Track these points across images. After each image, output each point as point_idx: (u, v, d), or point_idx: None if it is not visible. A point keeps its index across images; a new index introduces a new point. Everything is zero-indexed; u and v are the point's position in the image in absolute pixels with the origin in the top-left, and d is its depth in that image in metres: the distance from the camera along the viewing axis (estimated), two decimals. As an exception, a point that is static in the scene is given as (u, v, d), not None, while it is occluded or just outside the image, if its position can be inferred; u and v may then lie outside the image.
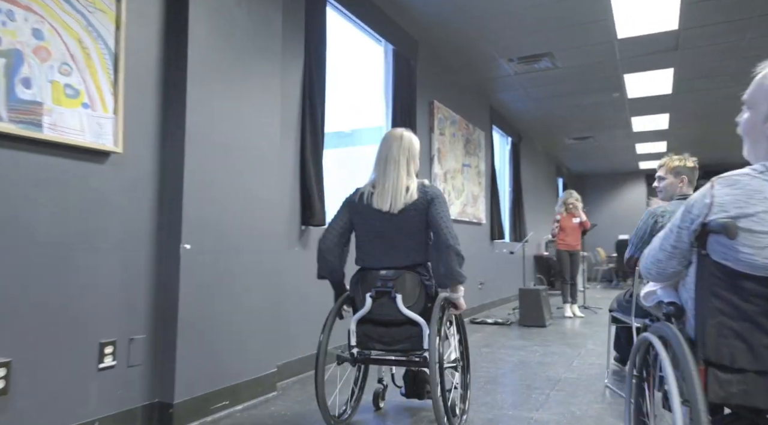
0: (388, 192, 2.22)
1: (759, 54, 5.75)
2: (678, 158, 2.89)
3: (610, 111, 8.08)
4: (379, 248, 2.25)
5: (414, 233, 2.22)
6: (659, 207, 2.81)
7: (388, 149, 2.29)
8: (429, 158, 5.43)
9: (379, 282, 2.20)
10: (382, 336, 2.21)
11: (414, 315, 2.14)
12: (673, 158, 2.90)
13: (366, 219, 2.26)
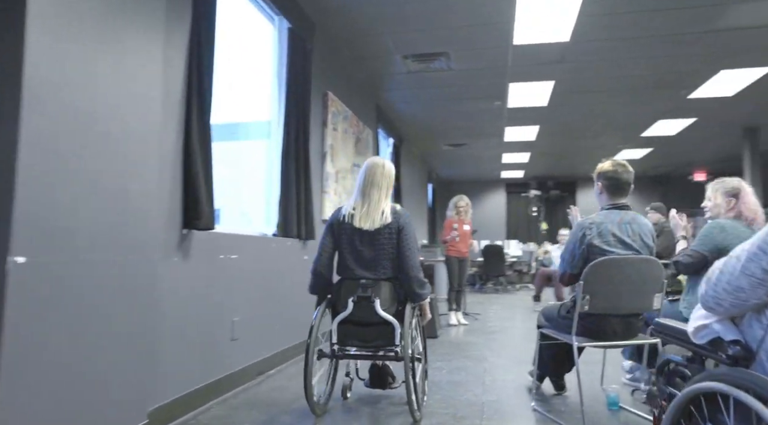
0: (370, 214, 2.64)
1: (633, 74, 6.16)
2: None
3: (488, 119, 8.24)
4: (359, 261, 2.64)
5: (387, 250, 2.64)
6: (587, 219, 2.64)
7: (372, 175, 2.70)
8: (321, 155, 4.90)
9: (360, 289, 2.58)
10: (360, 335, 2.62)
11: (389, 317, 2.56)
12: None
13: (348, 237, 2.66)
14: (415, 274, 2.60)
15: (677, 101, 7.24)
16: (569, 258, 2.61)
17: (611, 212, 2.63)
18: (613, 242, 2.51)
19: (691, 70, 6.04)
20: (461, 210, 6.35)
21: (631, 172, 2.70)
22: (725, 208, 2.94)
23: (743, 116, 8.04)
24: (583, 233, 2.56)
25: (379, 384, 3.01)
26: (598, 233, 2.54)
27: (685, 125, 8.49)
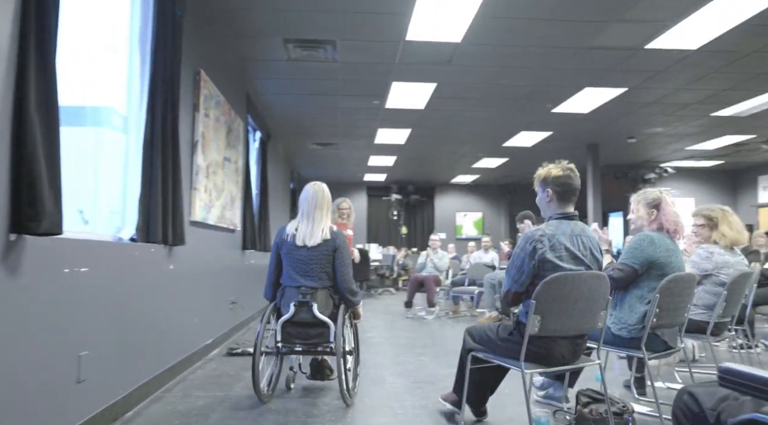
0: (313, 232, 3.07)
1: (510, 83, 6.27)
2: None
3: (364, 119, 7.94)
4: (300, 271, 3.06)
5: (324, 263, 3.08)
6: (537, 230, 2.37)
7: (316, 200, 3.16)
8: (191, 145, 4.11)
9: (300, 295, 3.00)
10: (300, 334, 3.03)
11: (325, 318, 2.99)
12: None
13: (292, 252, 3.09)
14: (347, 286, 3.14)
15: (541, 114, 7.64)
16: (516, 275, 2.32)
17: (561, 222, 2.39)
18: (565, 257, 2.27)
19: (561, 84, 6.34)
20: (344, 213, 5.87)
21: (578, 177, 2.49)
22: (647, 220, 2.91)
23: (589, 133, 8.80)
24: (534, 247, 2.28)
25: (319, 377, 3.50)
26: (551, 247, 2.27)
27: (542, 138, 9.07)
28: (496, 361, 2.40)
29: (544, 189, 2.47)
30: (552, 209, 2.45)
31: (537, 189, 2.52)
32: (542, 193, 2.49)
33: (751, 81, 6.17)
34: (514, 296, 2.34)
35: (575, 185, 2.42)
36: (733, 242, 3.33)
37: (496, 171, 12.49)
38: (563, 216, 2.39)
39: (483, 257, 8.54)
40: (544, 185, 2.47)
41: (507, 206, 14.85)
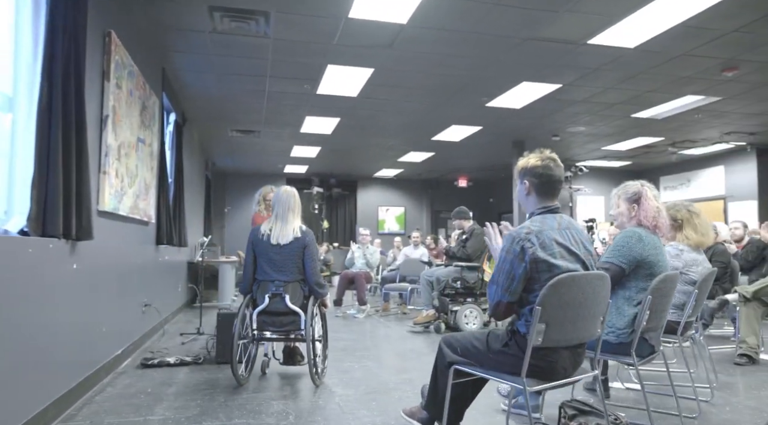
0: (285, 231, 3.51)
1: (450, 73, 6.05)
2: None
3: (292, 104, 7.41)
4: (273, 267, 3.49)
5: (296, 259, 3.51)
6: (521, 228, 2.06)
7: (288, 202, 3.60)
8: (99, 120, 3.44)
9: (274, 288, 3.45)
10: (275, 322, 3.46)
11: (296, 308, 3.43)
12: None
13: (267, 250, 3.50)
14: (316, 279, 3.53)
15: (475, 108, 7.53)
16: (506, 282, 1.99)
17: (546, 217, 2.11)
18: (558, 254, 1.99)
19: (499, 77, 6.23)
20: (269, 205, 5.37)
21: (561, 167, 2.23)
22: (628, 216, 2.74)
23: (517, 130, 8.87)
24: (522, 247, 1.97)
25: (291, 362, 3.89)
26: (541, 245, 1.98)
27: (472, 132, 9.01)
28: (486, 376, 2.09)
29: (522, 181, 2.20)
30: (532, 204, 2.18)
31: (517, 182, 2.24)
32: (520, 185, 2.22)
33: (673, 84, 6.40)
34: (507, 308, 2.03)
35: (556, 176, 2.16)
36: (697, 245, 3.28)
37: (420, 166, 12.38)
38: (546, 210, 2.13)
39: (413, 253, 8.33)
40: (522, 177, 2.21)
41: (429, 201, 14.85)
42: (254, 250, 3.52)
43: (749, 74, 6.06)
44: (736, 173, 10.59)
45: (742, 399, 3.24)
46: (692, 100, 7.07)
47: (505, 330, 2.09)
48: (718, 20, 4.67)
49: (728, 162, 10.73)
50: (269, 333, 3.49)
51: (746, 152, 10.18)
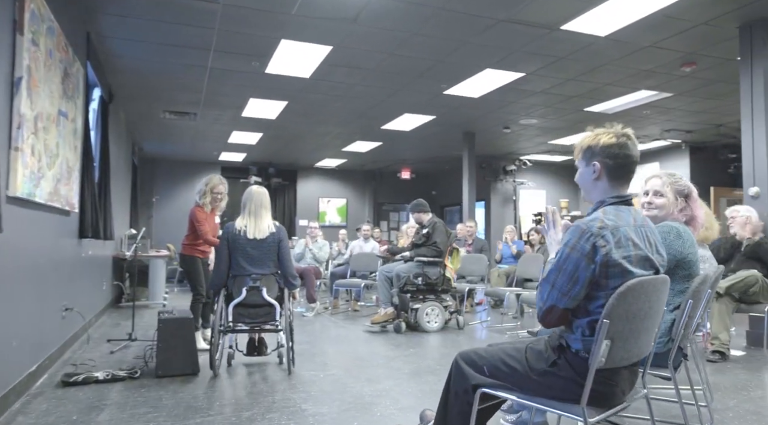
0: (260, 227, 3.71)
1: (411, 55, 5.65)
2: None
3: (236, 84, 6.75)
4: (250, 261, 3.67)
5: (272, 253, 3.73)
6: (592, 220, 1.64)
7: (260, 199, 3.80)
8: (10, 83, 2.75)
9: (251, 281, 3.62)
10: (250, 314, 3.64)
11: (272, 300, 3.64)
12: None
13: (244, 245, 3.67)
14: (291, 272, 3.79)
15: (432, 96, 7.20)
16: (566, 285, 1.60)
17: (620, 209, 1.71)
18: (634, 258, 1.62)
19: (464, 62, 5.91)
20: (219, 197, 4.77)
21: (637, 146, 1.83)
22: (674, 206, 2.46)
23: (470, 120, 8.65)
24: (594, 245, 1.58)
25: (257, 353, 4.06)
26: (617, 244, 1.59)
27: (424, 122, 8.69)
28: (527, 403, 1.70)
29: (590, 162, 1.77)
30: (601, 191, 1.75)
31: (578, 163, 1.84)
32: (586, 167, 1.78)
33: (633, 77, 6.36)
34: (561, 315, 1.65)
35: (634, 158, 1.76)
36: (703, 240, 3.07)
37: (365, 156, 11.95)
38: (620, 200, 1.73)
39: (363, 247, 7.91)
40: (590, 157, 1.76)
41: (372, 193, 14.47)
42: (229, 246, 3.65)
43: (705, 70, 6.11)
44: (671, 169, 10.90)
45: (738, 403, 3.10)
46: (646, 95, 7.11)
47: (545, 345, 1.72)
48: (693, 10, 4.58)
49: (663, 159, 11.10)
50: (242, 325, 3.65)
51: (681, 150, 10.55)
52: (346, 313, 7.10)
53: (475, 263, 6.46)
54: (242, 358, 4.07)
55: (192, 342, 3.69)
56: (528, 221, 12.40)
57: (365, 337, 5.29)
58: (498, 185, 12.53)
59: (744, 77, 4.95)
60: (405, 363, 4.08)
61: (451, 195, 13.85)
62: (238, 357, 4.01)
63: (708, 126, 8.97)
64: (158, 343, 3.60)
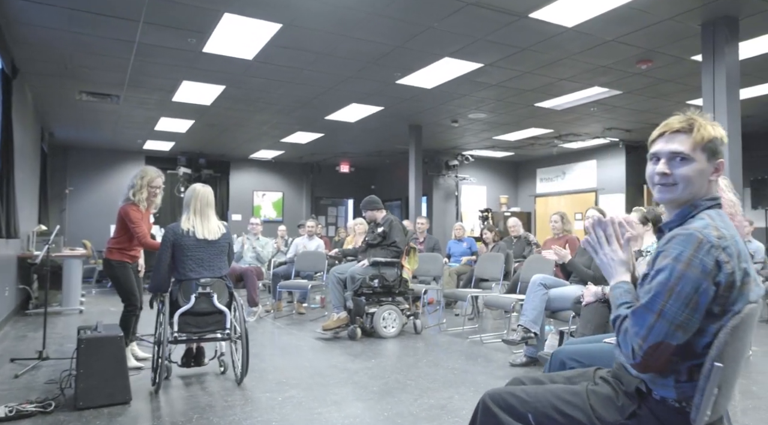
0: (210, 228, 3.46)
1: (366, 38, 5.21)
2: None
3: (168, 63, 6.01)
4: (199, 264, 3.40)
5: (222, 255, 3.51)
6: (706, 228, 1.27)
7: (205, 199, 3.53)
8: None
9: (200, 287, 3.34)
10: (199, 323, 3.36)
11: (223, 307, 3.40)
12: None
13: (192, 247, 3.39)
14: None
15: (383, 85, 6.79)
16: (682, 314, 1.22)
17: (720, 214, 1.36)
18: (752, 277, 1.27)
19: (424, 49, 5.55)
20: (156, 192, 4.15)
21: None
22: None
23: (419, 112, 8.32)
24: (717, 261, 1.23)
25: (196, 363, 3.73)
26: (738, 259, 1.25)
27: (371, 113, 8.27)
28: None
29: (713, 157, 1.38)
30: (704, 191, 1.39)
31: (692, 153, 1.37)
32: (708, 163, 1.38)
33: (589, 72, 6.27)
34: (672, 355, 1.25)
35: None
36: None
37: (304, 148, 11.36)
38: (717, 204, 1.38)
39: (308, 245, 7.39)
40: (714, 151, 1.38)
41: (309, 187, 13.88)
42: (175, 248, 3.38)
43: (659, 69, 6.11)
44: (607, 168, 11.23)
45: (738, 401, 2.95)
46: (597, 92, 7.08)
47: (614, 389, 1.36)
48: (660, 5, 4.48)
49: (600, 157, 11.35)
50: (191, 335, 3.37)
51: (618, 148, 10.80)
52: (290, 317, 6.58)
53: (430, 262, 6.14)
54: (177, 371, 3.71)
55: (122, 364, 3.08)
56: (470, 217, 12.33)
57: (318, 346, 4.82)
58: (440, 180, 12.35)
59: (706, 75, 4.92)
60: (370, 378, 3.67)
61: (392, 190, 13.56)
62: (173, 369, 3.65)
63: (646, 125, 9.17)
64: (80, 368, 2.97)
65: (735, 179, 4.75)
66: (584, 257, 4.08)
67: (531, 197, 13.04)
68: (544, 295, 3.92)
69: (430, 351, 4.64)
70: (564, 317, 3.93)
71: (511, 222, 7.40)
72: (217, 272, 3.43)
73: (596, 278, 3.81)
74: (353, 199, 14.98)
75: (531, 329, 3.86)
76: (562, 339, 4.13)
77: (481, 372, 3.86)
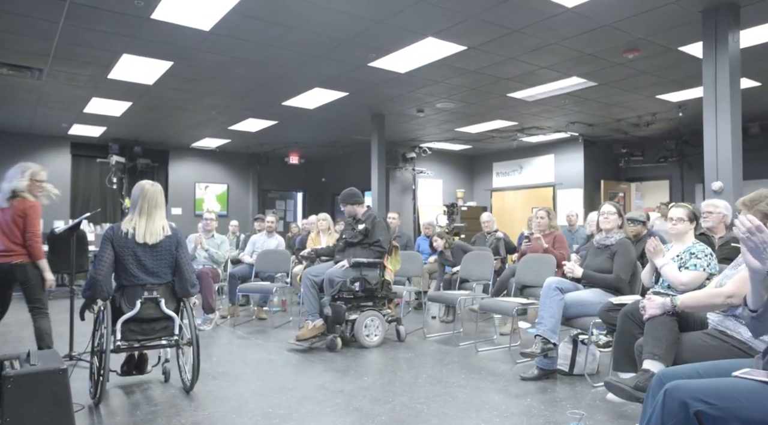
0: (152, 229, 3.18)
1: (351, 13, 4.60)
2: None
3: (105, 32, 5.12)
4: (142, 269, 3.14)
5: (167, 258, 3.22)
6: None
7: (152, 199, 3.24)
8: None
9: (146, 292, 3.13)
10: (144, 330, 3.15)
11: (171, 313, 3.19)
12: None
13: (134, 250, 3.12)
14: (189, 277, 3.29)
15: (353, 67, 6.19)
16: None
17: None
18: None
19: (407, 25, 5.00)
20: (39, 185, 3.66)
21: None
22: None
23: (384, 100, 7.78)
24: None
25: (138, 371, 3.51)
26: None
27: (333, 99, 7.63)
28: None
29: None
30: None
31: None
32: None
33: (573, 60, 5.97)
34: None
35: None
36: None
37: (253, 137, 10.51)
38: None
39: (267, 243, 6.68)
40: None
41: (256, 178, 13.00)
42: (116, 251, 3.13)
43: (643, 59, 5.89)
44: (565, 162, 11.16)
45: None
46: (574, 82, 6.82)
47: None
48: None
49: (558, 151, 11.27)
50: (135, 342, 3.16)
51: (577, 143, 10.73)
52: (250, 323, 5.88)
53: (410, 262, 5.63)
54: (116, 380, 3.48)
55: (66, 407, 2.35)
56: (426, 212, 11.92)
57: (295, 360, 4.20)
58: (397, 172, 11.87)
59: (707, 65, 4.68)
60: (373, 404, 3.11)
61: (344, 183, 12.87)
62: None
63: (609, 120, 9.11)
64: (4, 418, 2.21)
65: (736, 174, 4.56)
66: (599, 259, 3.71)
67: (487, 192, 12.83)
68: (561, 301, 3.50)
69: (424, 363, 4.13)
70: (582, 325, 3.54)
71: (485, 217, 7.00)
72: (162, 278, 3.20)
73: (620, 281, 3.45)
74: (303, 192, 14.24)
75: (550, 339, 3.43)
76: (576, 347, 3.76)
77: (494, 390, 3.40)
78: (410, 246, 6.75)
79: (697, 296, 2.35)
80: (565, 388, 3.44)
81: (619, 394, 2.35)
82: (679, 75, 6.45)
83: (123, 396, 3.29)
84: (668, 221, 3.12)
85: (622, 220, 3.74)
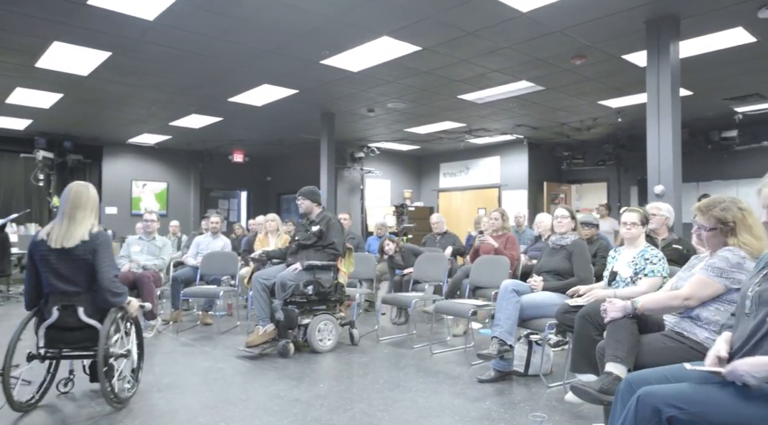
0: (71, 233, 2.93)
1: (310, 7, 4.46)
2: None
3: (33, 15, 4.74)
4: (58, 276, 2.93)
5: (85, 265, 2.94)
6: None
7: (78, 199, 3.01)
8: None
9: (65, 299, 2.94)
10: (67, 339, 3.00)
11: (93, 321, 2.96)
12: None
13: (47, 256, 2.92)
14: (107, 286, 2.96)
15: (306, 64, 6.04)
16: None
17: None
18: None
19: (363, 24, 4.93)
20: None
21: None
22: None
23: (334, 99, 7.66)
24: None
25: (96, 379, 3.15)
26: None
27: (282, 96, 7.43)
28: None
29: None
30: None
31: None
32: None
33: (524, 65, 6.08)
34: None
35: None
36: (758, 252, 2.42)
37: (196, 133, 10.12)
38: None
39: (212, 244, 6.40)
40: None
41: (198, 176, 12.53)
42: (34, 259, 2.99)
43: (589, 66, 6.09)
44: (511, 164, 11.42)
45: None
46: (523, 86, 6.96)
47: None
48: None
49: (504, 153, 11.52)
50: (62, 351, 3.06)
51: (521, 145, 11.01)
52: (195, 329, 5.60)
53: (363, 263, 5.55)
54: (54, 392, 3.25)
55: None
56: (375, 212, 11.87)
57: (246, 368, 4.02)
58: (345, 172, 11.76)
59: (651, 73, 4.88)
60: (332, 413, 3.00)
61: (288, 183, 12.67)
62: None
63: (553, 124, 9.38)
64: None
65: (676, 177, 4.77)
66: (555, 258, 3.77)
67: (434, 192, 12.94)
68: (517, 303, 3.53)
69: (379, 367, 4.06)
70: (538, 326, 3.57)
71: (435, 219, 7.01)
72: (81, 286, 2.97)
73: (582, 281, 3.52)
74: (247, 191, 13.85)
75: (507, 341, 3.44)
76: (531, 348, 3.79)
77: (452, 393, 3.38)
78: (361, 247, 6.67)
79: (657, 299, 2.40)
80: (522, 389, 3.47)
81: (584, 397, 2.36)
82: (621, 82, 6.70)
83: (55, 413, 3.04)
84: (622, 226, 3.19)
85: (575, 222, 3.83)
